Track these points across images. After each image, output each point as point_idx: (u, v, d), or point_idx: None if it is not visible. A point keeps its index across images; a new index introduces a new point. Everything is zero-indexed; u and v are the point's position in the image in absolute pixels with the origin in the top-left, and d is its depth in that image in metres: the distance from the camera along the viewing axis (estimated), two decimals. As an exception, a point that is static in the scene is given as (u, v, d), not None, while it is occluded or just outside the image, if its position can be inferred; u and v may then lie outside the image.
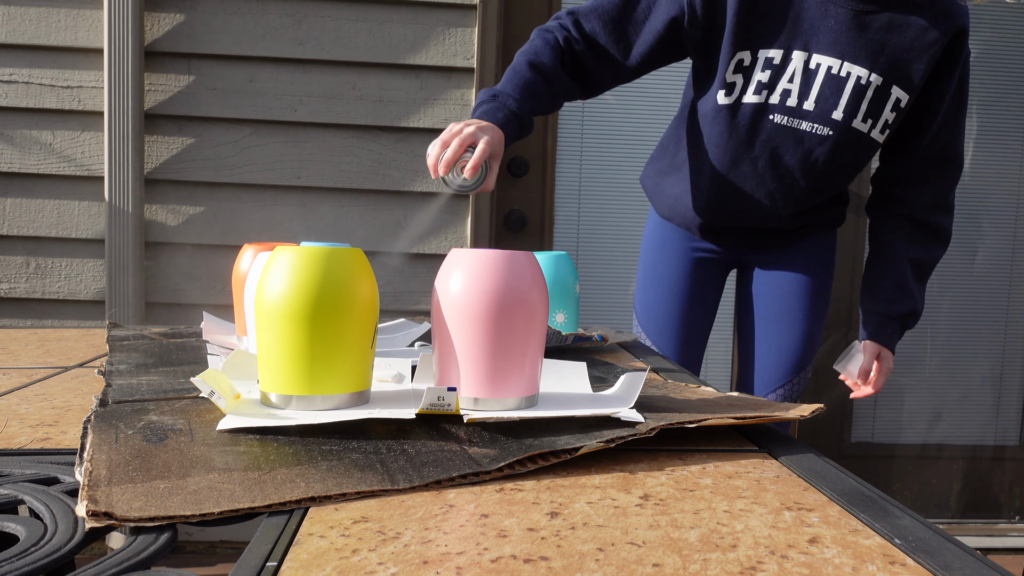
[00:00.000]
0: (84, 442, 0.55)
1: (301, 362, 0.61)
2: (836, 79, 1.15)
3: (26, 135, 1.92)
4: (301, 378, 0.61)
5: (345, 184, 1.96)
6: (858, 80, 1.15)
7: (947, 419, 2.34)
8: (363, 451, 0.56)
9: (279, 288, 0.61)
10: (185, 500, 0.46)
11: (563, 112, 2.15)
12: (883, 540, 0.43)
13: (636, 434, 0.58)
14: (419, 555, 0.40)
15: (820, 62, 1.15)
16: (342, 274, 0.61)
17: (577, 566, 0.39)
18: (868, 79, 1.14)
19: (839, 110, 1.17)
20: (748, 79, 1.18)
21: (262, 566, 0.39)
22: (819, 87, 1.16)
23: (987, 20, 2.24)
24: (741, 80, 1.18)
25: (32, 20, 1.89)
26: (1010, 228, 2.31)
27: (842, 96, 1.16)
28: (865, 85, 1.15)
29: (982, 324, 2.33)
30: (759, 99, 1.18)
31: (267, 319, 0.61)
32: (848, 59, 1.14)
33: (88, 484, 0.47)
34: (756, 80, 1.17)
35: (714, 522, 0.45)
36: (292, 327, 0.60)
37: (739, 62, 1.17)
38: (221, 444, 0.56)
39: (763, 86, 1.17)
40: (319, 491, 0.48)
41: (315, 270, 0.60)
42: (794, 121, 1.19)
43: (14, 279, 1.96)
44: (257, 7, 1.92)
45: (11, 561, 0.39)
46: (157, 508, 0.44)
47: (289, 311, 0.60)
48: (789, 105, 1.18)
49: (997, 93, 2.26)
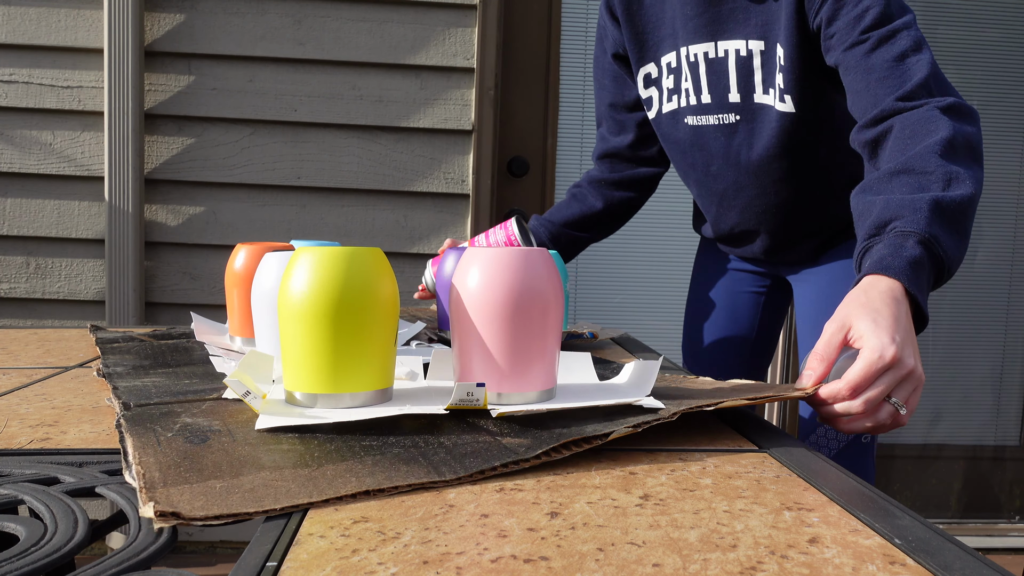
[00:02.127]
0: (125, 446, 0.55)
1: (327, 361, 0.61)
2: (716, 62, 1.07)
3: (26, 135, 1.92)
4: (327, 377, 0.61)
5: (345, 184, 1.96)
6: (737, 53, 1.05)
7: (947, 419, 2.34)
8: (403, 445, 0.57)
9: (304, 288, 0.61)
10: (244, 498, 0.46)
11: (563, 112, 2.15)
12: (883, 540, 0.43)
13: (660, 419, 0.59)
14: (419, 555, 0.40)
15: (696, 52, 1.08)
16: (366, 273, 0.62)
17: (577, 566, 0.39)
18: (747, 48, 1.04)
19: (733, 92, 1.07)
20: (660, 90, 1.17)
21: (262, 566, 0.39)
22: (705, 76, 1.09)
23: (987, 20, 2.24)
24: (655, 92, 1.18)
25: (32, 20, 1.89)
26: (1010, 228, 2.31)
27: (729, 77, 1.06)
28: (747, 56, 1.04)
29: (982, 324, 2.33)
30: (672, 106, 1.16)
31: (292, 319, 0.62)
32: (719, 38, 1.06)
33: (145, 487, 0.47)
34: (665, 88, 1.16)
35: (714, 522, 0.45)
36: (317, 327, 0.61)
37: (647, 76, 1.18)
38: (264, 443, 0.57)
39: (671, 92, 1.15)
40: (371, 485, 0.49)
41: (339, 270, 0.61)
42: (703, 118, 1.12)
43: (14, 279, 1.96)
44: (257, 7, 1.92)
45: (11, 561, 0.39)
46: (220, 507, 0.44)
47: (314, 311, 0.61)
48: (693, 104, 1.12)
49: (997, 93, 2.26)
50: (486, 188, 2.00)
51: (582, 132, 2.17)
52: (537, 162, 2.14)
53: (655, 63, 1.16)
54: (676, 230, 2.21)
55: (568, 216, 1.32)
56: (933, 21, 2.24)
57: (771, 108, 1.05)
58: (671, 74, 1.14)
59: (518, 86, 2.12)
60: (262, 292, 0.80)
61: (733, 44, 1.05)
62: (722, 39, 1.05)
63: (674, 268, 2.22)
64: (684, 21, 1.09)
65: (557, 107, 2.14)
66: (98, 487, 0.50)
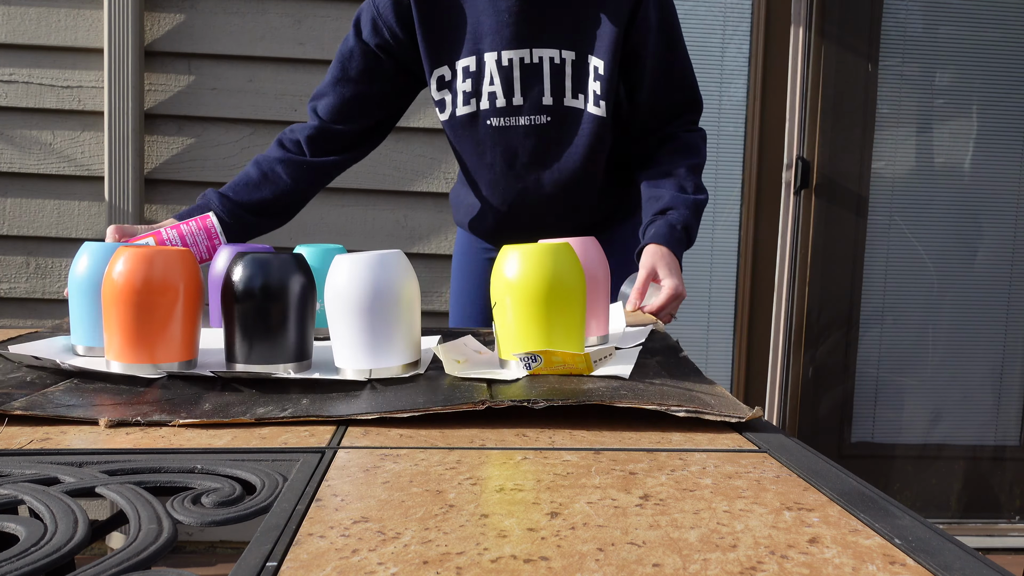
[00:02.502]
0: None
1: (542, 335, 0.78)
2: (531, 67, 1.18)
3: (26, 135, 1.92)
4: (540, 344, 0.78)
5: (345, 184, 1.96)
6: (552, 61, 1.17)
7: (947, 419, 2.35)
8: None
9: (521, 277, 0.77)
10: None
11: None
12: (883, 540, 0.43)
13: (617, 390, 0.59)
14: (419, 555, 0.40)
15: (511, 57, 1.17)
16: (569, 264, 0.79)
17: (577, 566, 0.39)
18: (561, 57, 1.17)
19: (547, 95, 1.19)
20: (454, 93, 1.21)
21: (262, 566, 0.39)
22: (519, 80, 1.18)
23: (988, 20, 2.24)
24: (449, 95, 1.22)
25: (32, 20, 1.89)
26: (1010, 228, 2.31)
27: (544, 82, 1.18)
28: (560, 64, 1.17)
29: (982, 324, 2.33)
30: (470, 108, 1.21)
31: (522, 302, 0.78)
32: (535, 46, 1.17)
33: None
34: (461, 92, 1.21)
35: (714, 522, 0.45)
36: (531, 308, 0.77)
37: (440, 79, 1.22)
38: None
39: (469, 95, 1.21)
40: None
41: (547, 263, 0.77)
42: (510, 119, 1.21)
43: (14, 279, 1.96)
44: (257, 7, 1.92)
45: (11, 561, 0.39)
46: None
47: (529, 295, 0.77)
48: (499, 106, 1.20)
49: (997, 93, 2.26)
50: (486, 188, 2.00)
51: (582, 132, 2.17)
52: (537, 162, 2.14)
53: (450, 67, 1.21)
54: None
55: (259, 199, 1.23)
56: (934, 21, 2.24)
57: (582, 111, 1.20)
58: (468, 78, 1.20)
59: (518, 86, 2.12)
60: (337, 293, 0.77)
61: (548, 52, 1.18)
62: (538, 47, 1.17)
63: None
64: (498, 28, 1.17)
65: (557, 107, 2.14)
66: (98, 487, 0.50)
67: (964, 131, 2.27)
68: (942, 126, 2.27)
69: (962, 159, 2.29)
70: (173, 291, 0.76)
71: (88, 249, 0.86)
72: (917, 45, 2.24)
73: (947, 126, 2.27)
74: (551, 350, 0.77)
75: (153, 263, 0.75)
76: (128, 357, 0.76)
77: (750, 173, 2.24)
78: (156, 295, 0.75)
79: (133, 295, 0.74)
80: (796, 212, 2.24)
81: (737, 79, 2.23)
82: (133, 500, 0.48)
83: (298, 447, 0.59)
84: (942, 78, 2.26)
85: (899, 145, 2.26)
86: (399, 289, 0.77)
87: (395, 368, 0.78)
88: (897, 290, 2.30)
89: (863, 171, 2.25)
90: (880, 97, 2.24)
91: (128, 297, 0.74)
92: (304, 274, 0.78)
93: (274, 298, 0.76)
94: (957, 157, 2.28)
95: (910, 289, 2.30)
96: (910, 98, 2.25)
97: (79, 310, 0.85)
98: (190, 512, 0.47)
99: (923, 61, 2.24)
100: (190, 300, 0.77)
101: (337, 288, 0.76)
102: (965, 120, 2.27)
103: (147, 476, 0.53)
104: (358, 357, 0.77)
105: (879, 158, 2.26)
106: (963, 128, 2.27)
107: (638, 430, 0.65)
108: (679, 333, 2.24)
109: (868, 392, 2.33)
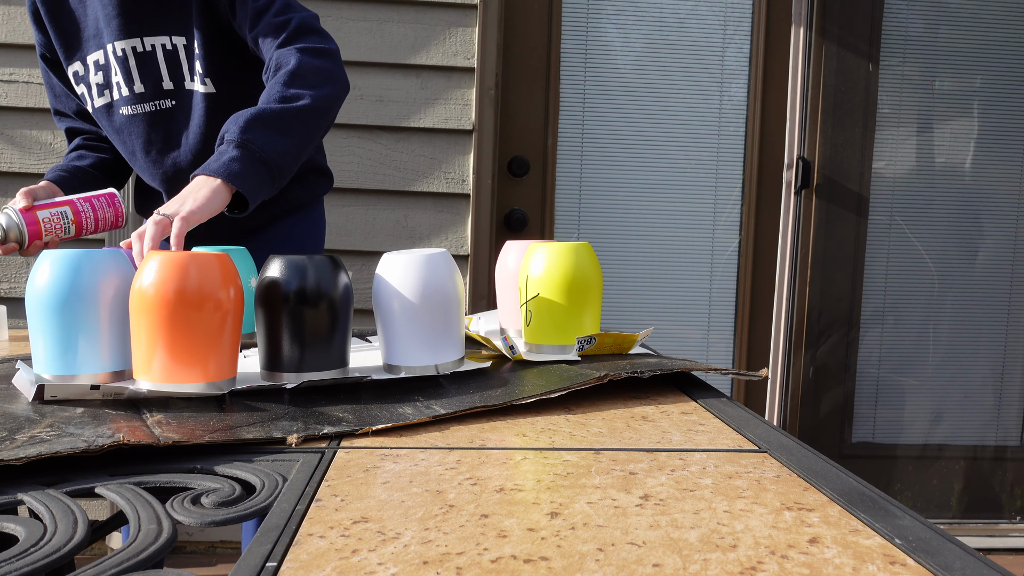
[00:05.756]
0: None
1: (562, 321, 0.89)
2: (145, 56, 1.20)
3: (26, 135, 1.92)
4: (560, 333, 0.89)
5: (345, 184, 1.96)
6: (164, 48, 1.20)
7: (948, 419, 2.34)
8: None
9: (547, 274, 0.88)
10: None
11: (563, 111, 2.15)
12: (883, 540, 0.43)
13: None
14: (419, 555, 0.40)
15: (123, 47, 1.20)
16: (589, 262, 0.89)
17: (577, 566, 0.39)
18: (172, 43, 1.20)
19: (166, 80, 1.21)
20: (88, 86, 1.25)
21: (262, 566, 0.39)
22: (137, 69, 1.21)
23: (988, 20, 2.24)
24: (84, 89, 1.26)
25: (32, 20, 1.89)
26: (1011, 228, 2.31)
27: (159, 67, 1.21)
28: (173, 50, 1.20)
29: (983, 324, 2.33)
30: (105, 100, 1.25)
31: (573, 293, 0.88)
32: (145, 35, 1.19)
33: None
34: (94, 84, 1.24)
35: (714, 522, 0.45)
36: (578, 298, 0.88)
37: (75, 75, 1.25)
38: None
39: (102, 87, 1.24)
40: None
41: (570, 261, 0.88)
42: (138, 107, 1.23)
43: (14, 279, 1.96)
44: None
45: (11, 561, 0.39)
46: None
47: (554, 288, 0.88)
48: (126, 95, 1.23)
49: (999, 95, 2.26)
50: (486, 188, 2.00)
51: (583, 132, 2.17)
52: (537, 162, 2.14)
53: (81, 62, 1.24)
54: (683, 230, 2.22)
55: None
56: (934, 21, 2.24)
57: (197, 92, 1.22)
58: (99, 71, 1.23)
59: (518, 86, 2.12)
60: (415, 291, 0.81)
61: (159, 40, 1.20)
62: (148, 36, 1.20)
63: (681, 268, 2.22)
64: (107, 20, 1.20)
65: (558, 107, 2.14)
66: (98, 487, 0.50)
67: (965, 131, 2.27)
68: (943, 126, 2.27)
69: (963, 159, 2.28)
70: (238, 298, 0.71)
71: (50, 257, 0.71)
72: (917, 45, 2.24)
73: (948, 126, 2.27)
74: (604, 333, 0.89)
75: (209, 270, 0.68)
76: (193, 376, 0.68)
77: (751, 173, 2.24)
78: (214, 306, 0.69)
79: (201, 306, 0.67)
80: (797, 212, 2.24)
81: (738, 79, 2.23)
82: (133, 500, 0.48)
83: (298, 447, 0.59)
84: (943, 78, 2.26)
85: (900, 145, 2.26)
86: (457, 286, 0.81)
87: (456, 362, 0.81)
88: (898, 290, 2.30)
89: (864, 171, 2.25)
90: (881, 97, 2.24)
91: (196, 309, 0.67)
92: (346, 275, 0.79)
93: (335, 302, 0.76)
94: (958, 157, 2.28)
95: (911, 289, 2.30)
96: (911, 98, 2.25)
97: (47, 330, 0.70)
98: (190, 512, 0.47)
99: (924, 61, 2.24)
100: (238, 309, 0.72)
101: (408, 287, 0.78)
102: (966, 120, 2.27)
103: (147, 476, 0.53)
104: (422, 354, 0.79)
105: (880, 158, 2.26)
106: (964, 128, 2.27)
107: (638, 430, 0.65)
108: (679, 332, 2.24)
109: (869, 392, 2.32)
